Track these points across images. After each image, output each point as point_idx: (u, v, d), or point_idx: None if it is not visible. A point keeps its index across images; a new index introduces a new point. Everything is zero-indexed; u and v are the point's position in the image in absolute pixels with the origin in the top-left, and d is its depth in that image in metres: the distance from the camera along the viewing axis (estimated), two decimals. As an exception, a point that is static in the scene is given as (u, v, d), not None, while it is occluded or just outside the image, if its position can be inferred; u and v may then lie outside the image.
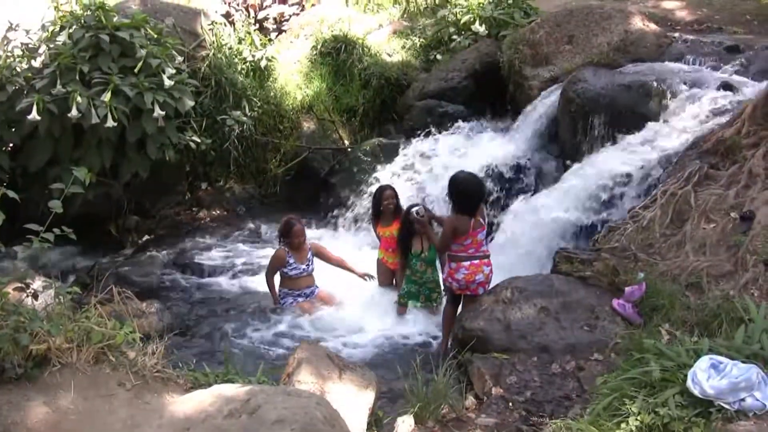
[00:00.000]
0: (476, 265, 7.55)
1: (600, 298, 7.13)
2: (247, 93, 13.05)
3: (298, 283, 9.06)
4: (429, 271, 8.65)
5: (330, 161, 13.37)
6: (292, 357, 5.92)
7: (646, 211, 7.95)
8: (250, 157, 13.24)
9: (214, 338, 8.57)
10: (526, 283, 7.46)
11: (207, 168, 13.04)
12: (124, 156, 10.57)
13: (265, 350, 8.17)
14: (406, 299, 8.78)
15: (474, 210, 7.45)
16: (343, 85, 14.28)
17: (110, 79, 9.82)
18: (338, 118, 14.08)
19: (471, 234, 7.46)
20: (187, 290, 10.11)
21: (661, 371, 5.08)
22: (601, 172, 9.28)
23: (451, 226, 7.53)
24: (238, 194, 13.33)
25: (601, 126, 10.04)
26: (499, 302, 7.25)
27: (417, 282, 8.71)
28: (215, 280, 10.47)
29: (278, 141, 13.49)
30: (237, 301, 9.67)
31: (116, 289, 5.76)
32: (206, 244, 11.67)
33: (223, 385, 4.68)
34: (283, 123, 13.79)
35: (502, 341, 6.87)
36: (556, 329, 6.84)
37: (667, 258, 7.32)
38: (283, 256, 8.93)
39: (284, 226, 8.97)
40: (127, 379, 4.71)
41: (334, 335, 8.49)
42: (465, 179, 7.62)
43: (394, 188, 9.53)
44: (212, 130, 12.37)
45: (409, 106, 13.66)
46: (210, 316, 9.25)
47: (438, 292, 8.72)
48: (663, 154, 8.99)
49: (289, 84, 14.02)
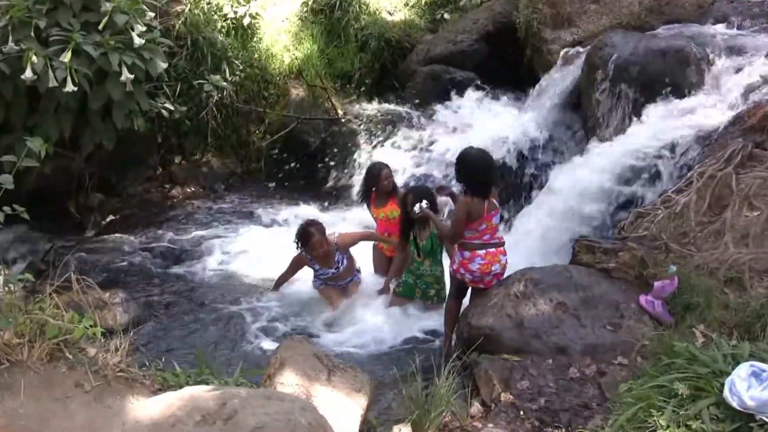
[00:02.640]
0: (492, 254, 7.49)
1: (625, 293, 7.09)
2: (228, 55, 13.05)
3: (333, 279, 9.07)
4: (427, 263, 8.65)
5: (321, 133, 13.36)
6: (274, 356, 5.93)
7: (679, 195, 7.91)
8: (231, 127, 13.26)
9: (186, 333, 8.56)
10: (542, 274, 7.38)
11: (181, 139, 13.07)
12: (87, 124, 10.53)
13: (244, 347, 8.18)
14: (402, 291, 8.80)
15: (488, 190, 7.41)
16: (337, 47, 14.29)
17: (70, 37, 9.73)
18: (331, 84, 14.07)
19: (486, 218, 7.38)
20: (156, 278, 10.06)
21: (695, 379, 5.05)
22: (629, 149, 9.26)
23: (464, 211, 7.42)
24: (216, 169, 13.35)
25: (630, 97, 10.00)
26: (511, 296, 7.18)
27: (414, 273, 8.73)
28: (189, 266, 10.46)
29: (263, 110, 13.50)
30: (214, 291, 9.66)
31: (75, 276, 5.70)
32: (179, 226, 11.71)
33: (196, 387, 4.65)
34: (268, 89, 13.80)
35: (513, 341, 6.83)
36: (575, 328, 6.80)
37: (703, 249, 7.28)
38: (304, 262, 8.99)
39: (301, 237, 8.79)
40: (86, 380, 4.67)
41: (322, 330, 8.54)
42: (476, 155, 7.52)
43: (389, 166, 9.56)
44: (187, 97, 12.39)
45: (412, 72, 13.67)
46: (182, 307, 9.23)
47: (437, 289, 8.74)
48: (701, 130, 8.94)
49: (276, 45, 13.99)
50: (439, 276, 8.71)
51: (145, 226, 11.60)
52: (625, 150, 9.30)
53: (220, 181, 13.18)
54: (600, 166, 9.40)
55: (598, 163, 9.49)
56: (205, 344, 8.02)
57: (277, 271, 9.35)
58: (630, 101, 9.99)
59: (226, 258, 10.62)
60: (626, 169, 9.12)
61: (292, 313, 8.91)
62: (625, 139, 9.55)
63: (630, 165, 9.11)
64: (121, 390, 4.74)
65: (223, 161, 13.41)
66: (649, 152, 9.09)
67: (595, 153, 9.74)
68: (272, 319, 8.80)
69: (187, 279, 10.08)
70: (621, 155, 9.28)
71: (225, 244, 11.05)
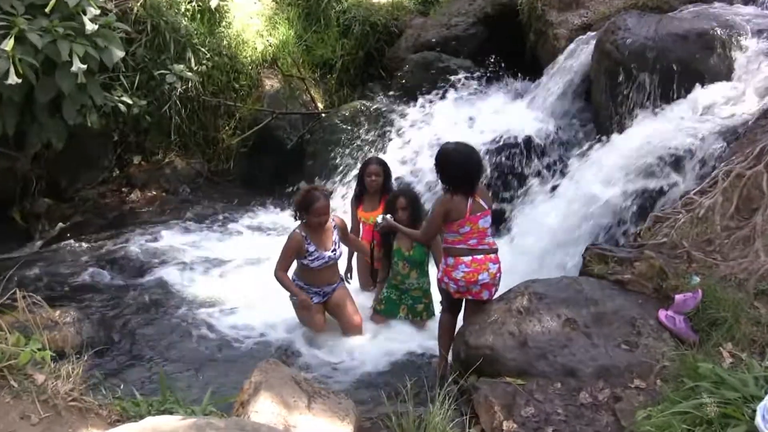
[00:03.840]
0: (480, 261, 7.48)
1: (642, 308, 7.08)
2: (193, 41, 13.04)
3: (319, 277, 8.71)
4: (413, 275, 8.67)
5: (299, 129, 13.39)
6: (247, 381, 5.89)
7: (703, 197, 7.93)
8: (197, 123, 13.27)
9: (148, 355, 8.50)
10: (548, 287, 7.38)
11: (141, 137, 13.08)
12: (33, 121, 10.49)
13: (213, 370, 8.11)
14: (384, 308, 8.82)
15: (471, 187, 7.41)
16: (316, 32, 14.31)
17: (13, 22, 9.71)
18: (310, 74, 14.11)
19: (470, 219, 7.39)
20: (113, 293, 10.00)
21: (722, 404, 5.05)
22: (646, 146, 9.24)
23: (441, 209, 7.45)
24: (180, 171, 13.35)
25: (646, 87, 10.00)
26: (513, 312, 7.17)
27: (397, 287, 8.73)
28: (150, 280, 10.42)
29: (233, 103, 13.51)
30: (178, 307, 9.61)
31: (21, 293, 5.69)
32: (139, 234, 11.65)
33: (159, 418, 4.62)
34: (239, 80, 13.82)
35: (516, 362, 6.80)
36: (586, 347, 6.78)
37: (730, 258, 7.29)
38: (300, 243, 8.50)
39: (303, 199, 8.43)
40: (33, 411, 4.64)
41: (301, 351, 8.50)
42: (456, 149, 7.56)
43: (383, 162, 9.52)
44: (148, 89, 12.38)
45: (401, 60, 13.67)
46: (143, 326, 9.17)
47: (426, 304, 8.78)
48: (727, 123, 8.95)
49: (248, 30, 13.99)
50: (427, 289, 8.75)
51: (100, 234, 11.56)
52: (639, 146, 9.29)
53: (185, 184, 13.18)
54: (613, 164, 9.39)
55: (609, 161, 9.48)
56: (169, 368, 7.98)
57: (249, 284, 9.34)
58: (646, 91, 9.99)
59: (192, 270, 10.61)
60: (641, 169, 9.11)
61: (266, 331, 8.86)
62: (641, 134, 9.53)
63: (645, 163, 9.10)
64: (74, 422, 4.72)
65: (188, 161, 13.41)
66: (667, 149, 9.06)
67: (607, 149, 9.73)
68: (244, 337, 8.78)
69: (149, 294, 10.00)
70: (635, 152, 9.27)
71: (191, 254, 11.06)
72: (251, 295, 9.54)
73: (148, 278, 10.45)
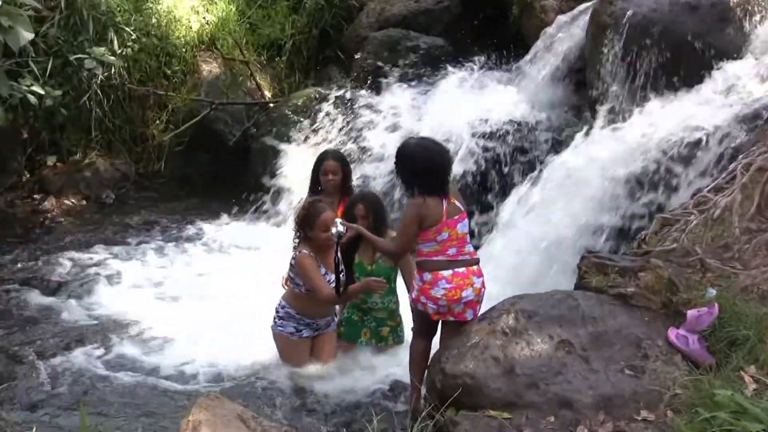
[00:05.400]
0: (462, 275, 7.36)
1: (649, 326, 7.02)
2: (116, 20, 13.02)
3: (317, 307, 8.49)
4: (377, 293, 8.50)
5: (243, 123, 13.38)
6: (185, 420, 5.85)
7: (719, 194, 7.93)
8: (122, 116, 13.26)
9: (67, 390, 8.34)
10: (538, 304, 7.30)
11: (56, 134, 13.02)
12: None
13: (144, 407, 8.02)
14: (344, 332, 8.73)
15: (443, 186, 7.35)
16: (262, 7, 14.35)
17: None
18: (254, 57, 14.09)
19: (447, 223, 7.27)
20: (26, 318, 9.95)
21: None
22: (651, 136, 9.27)
23: (414, 214, 7.27)
24: (103, 173, 13.31)
25: (651, 67, 10.02)
26: (497, 333, 7.07)
27: (359, 307, 8.63)
28: (70, 301, 10.34)
29: (164, 93, 13.46)
30: (103, 333, 9.52)
31: None
32: (55, 249, 11.60)
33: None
34: (171, 65, 13.81)
35: (501, 392, 6.71)
36: (584, 374, 6.72)
37: (751, 266, 7.28)
38: (316, 266, 8.27)
39: (308, 213, 8.26)
40: None
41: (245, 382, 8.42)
42: (421, 145, 7.53)
43: (341, 157, 9.37)
44: (63, 77, 12.34)
45: (362, 39, 13.72)
46: (62, 356, 9.03)
47: (392, 327, 8.69)
48: (746, 109, 8.96)
49: (180, 6, 13.98)
50: (394, 309, 8.65)
51: (9, 249, 11.51)
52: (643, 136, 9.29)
53: (109, 189, 13.16)
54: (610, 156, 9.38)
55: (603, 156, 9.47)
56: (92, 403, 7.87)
57: (189, 311, 9.37)
58: (650, 72, 10.01)
59: (119, 289, 10.56)
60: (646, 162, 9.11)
61: (209, 365, 8.75)
62: (644, 122, 9.53)
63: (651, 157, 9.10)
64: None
65: (113, 162, 13.40)
66: (675, 139, 9.07)
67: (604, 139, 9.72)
68: (181, 366, 8.71)
69: (67, 318, 9.92)
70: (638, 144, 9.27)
71: (117, 271, 10.99)
72: (192, 324, 9.45)
73: (66, 300, 10.37)
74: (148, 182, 13.38)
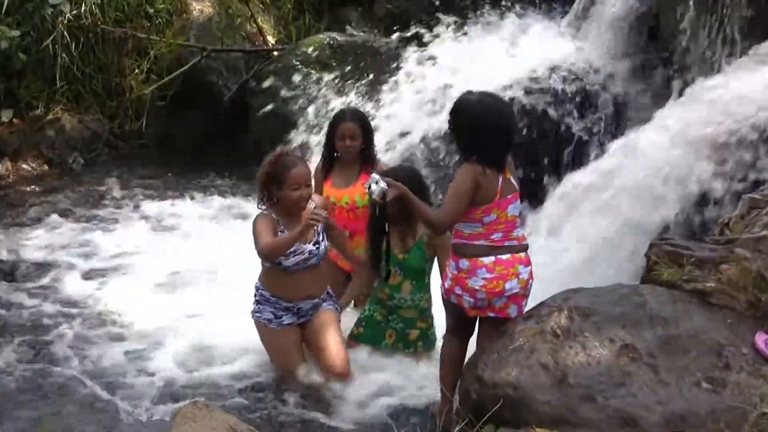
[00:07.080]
0: (507, 263, 7.18)
1: (732, 330, 6.89)
2: (86, -54, 12.94)
3: (295, 285, 8.21)
4: (406, 287, 8.32)
5: (240, 74, 13.40)
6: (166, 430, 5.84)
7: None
8: (93, 64, 13.26)
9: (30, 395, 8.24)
10: (596, 300, 7.21)
11: (12, 83, 13.02)
12: None
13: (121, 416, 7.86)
14: (363, 332, 8.57)
15: (502, 159, 7.16)
16: (265, -71, 14.30)
17: None
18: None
19: (498, 203, 7.07)
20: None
21: None
22: (739, 99, 9.09)
23: (470, 181, 6.95)
24: (70, 132, 13.35)
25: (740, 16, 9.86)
26: (546, 335, 6.97)
27: (383, 304, 8.44)
28: (32, 289, 10.31)
29: (145, 36, 13.44)
30: (73, 327, 9.41)
31: None
32: (13, 225, 11.64)
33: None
34: (154, 3, 13.74)
35: (551, 406, 6.60)
36: (652, 386, 6.60)
37: None
38: (273, 224, 8.01)
39: (272, 168, 7.92)
40: None
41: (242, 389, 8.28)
42: (481, 102, 7.16)
43: (362, 117, 9.13)
44: (22, 14, 12.31)
45: (388, -27, 13.70)
46: (24, 354, 8.96)
47: (422, 330, 8.46)
48: None
49: (164, -73, 13.96)
50: (425, 309, 8.42)
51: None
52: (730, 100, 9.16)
53: (76, 151, 13.22)
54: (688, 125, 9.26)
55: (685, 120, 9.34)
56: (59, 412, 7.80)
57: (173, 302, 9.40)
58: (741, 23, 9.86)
59: (89, 279, 10.49)
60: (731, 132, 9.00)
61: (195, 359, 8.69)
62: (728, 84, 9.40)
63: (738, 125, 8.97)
64: None
65: (81, 119, 13.47)
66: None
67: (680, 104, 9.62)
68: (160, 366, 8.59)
69: (30, 309, 9.83)
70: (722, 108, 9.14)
71: (88, 252, 11.00)
72: (172, 316, 9.37)
73: (28, 287, 10.34)
74: (124, 144, 13.43)
